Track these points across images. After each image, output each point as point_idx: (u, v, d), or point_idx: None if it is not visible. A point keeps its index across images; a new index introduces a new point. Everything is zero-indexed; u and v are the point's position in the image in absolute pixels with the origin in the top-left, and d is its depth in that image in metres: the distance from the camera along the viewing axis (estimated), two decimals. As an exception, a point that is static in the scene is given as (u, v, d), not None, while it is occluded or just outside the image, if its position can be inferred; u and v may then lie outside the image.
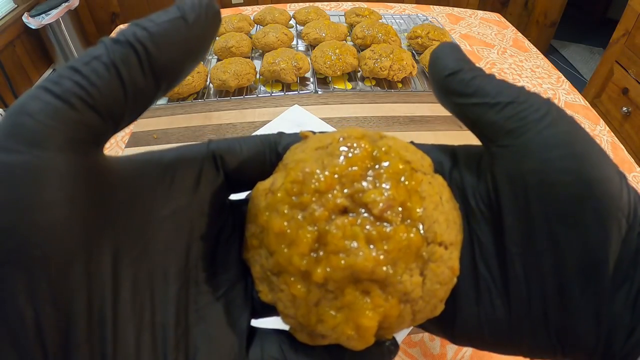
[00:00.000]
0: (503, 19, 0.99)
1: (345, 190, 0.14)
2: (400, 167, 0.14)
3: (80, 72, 0.11)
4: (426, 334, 0.38)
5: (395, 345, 0.16)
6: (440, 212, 0.15)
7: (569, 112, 0.14)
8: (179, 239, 0.14)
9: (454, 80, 0.15)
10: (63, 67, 0.11)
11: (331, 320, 0.14)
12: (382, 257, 0.13)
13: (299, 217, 0.14)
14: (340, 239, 0.13)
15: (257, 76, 0.70)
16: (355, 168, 0.14)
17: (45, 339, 0.10)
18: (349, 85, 0.70)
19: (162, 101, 0.66)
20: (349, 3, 1.03)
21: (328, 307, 0.14)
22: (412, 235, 0.14)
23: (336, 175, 0.14)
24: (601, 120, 0.65)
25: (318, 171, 0.14)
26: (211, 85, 0.67)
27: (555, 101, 0.68)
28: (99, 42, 0.11)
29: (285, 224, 0.14)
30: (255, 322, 0.17)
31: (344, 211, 0.14)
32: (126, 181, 0.13)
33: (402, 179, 0.14)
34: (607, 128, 0.63)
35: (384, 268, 0.13)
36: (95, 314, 0.11)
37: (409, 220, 0.14)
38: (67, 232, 0.10)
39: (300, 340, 0.15)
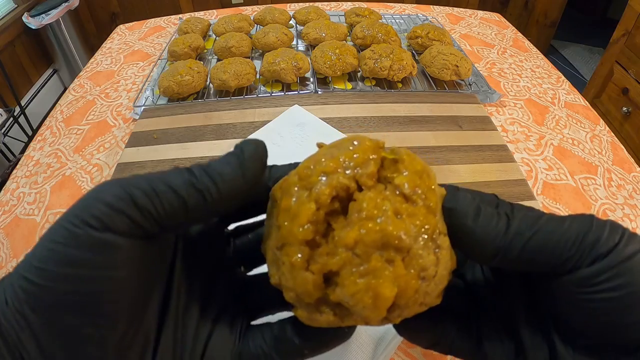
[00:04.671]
0: (503, 19, 0.99)
1: (348, 172, 0.16)
2: (419, 168, 0.16)
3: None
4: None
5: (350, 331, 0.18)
6: None
7: (568, 111, 0.14)
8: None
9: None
10: (148, 185, 0.14)
11: (352, 286, 0.15)
12: (409, 227, 0.15)
13: (305, 195, 0.16)
14: (373, 208, 0.15)
15: (257, 76, 0.70)
16: (357, 155, 0.16)
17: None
18: (349, 85, 0.70)
19: (162, 101, 0.66)
20: (349, 3, 1.03)
21: (352, 273, 0.15)
22: (431, 218, 0.15)
23: (341, 159, 0.16)
24: (601, 120, 0.65)
25: (324, 158, 0.16)
26: (211, 85, 0.67)
27: (555, 101, 0.68)
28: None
29: (292, 200, 0.16)
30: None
31: (373, 185, 0.16)
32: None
33: (421, 175, 0.16)
34: (607, 128, 0.63)
35: (409, 239, 0.15)
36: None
37: (430, 204, 0.15)
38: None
39: (300, 318, 0.16)
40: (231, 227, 0.21)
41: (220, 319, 0.19)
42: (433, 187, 0.16)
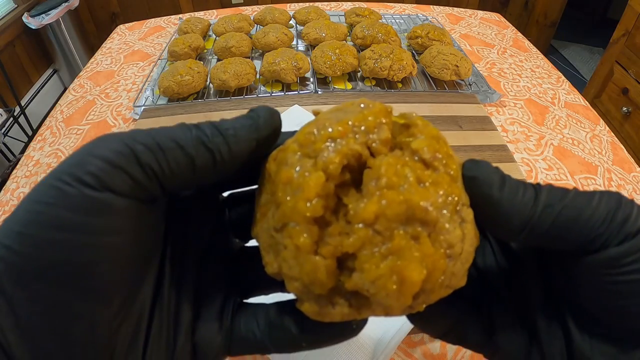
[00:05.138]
0: (503, 19, 0.99)
1: (358, 137, 0.13)
2: (434, 132, 0.14)
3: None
4: (426, 334, 0.38)
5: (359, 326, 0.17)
6: None
7: (568, 111, 0.14)
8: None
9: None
10: (153, 141, 0.13)
11: (374, 270, 0.12)
12: (435, 196, 0.13)
13: (309, 164, 0.13)
14: (393, 175, 0.13)
15: (257, 76, 0.70)
16: (369, 119, 0.14)
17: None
18: (349, 85, 0.70)
19: (162, 101, 0.66)
20: (349, 3, 1.03)
21: (372, 254, 0.12)
22: (455, 187, 0.13)
23: (350, 122, 0.13)
24: (601, 120, 0.65)
25: (329, 122, 0.14)
26: (211, 85, 0.67)
27: (556, 101, 0.68)
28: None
29: (295, 170, 0.13)
30: None
31: (391, 150, 0.14)
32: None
33: (438, 139, 0.14)
34: (607, 128, 0.63)
35: (436, 211, 0.12)
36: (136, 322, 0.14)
37: (451, 172, 0.13)
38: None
39: (307, 314, 0.14)
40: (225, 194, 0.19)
41: (212, 295, 0.17)
42: (451, 153, 0.14)
